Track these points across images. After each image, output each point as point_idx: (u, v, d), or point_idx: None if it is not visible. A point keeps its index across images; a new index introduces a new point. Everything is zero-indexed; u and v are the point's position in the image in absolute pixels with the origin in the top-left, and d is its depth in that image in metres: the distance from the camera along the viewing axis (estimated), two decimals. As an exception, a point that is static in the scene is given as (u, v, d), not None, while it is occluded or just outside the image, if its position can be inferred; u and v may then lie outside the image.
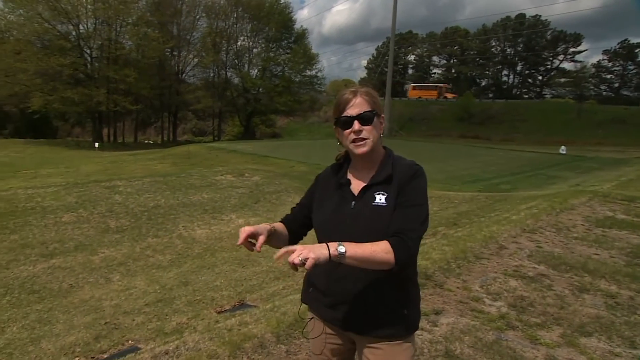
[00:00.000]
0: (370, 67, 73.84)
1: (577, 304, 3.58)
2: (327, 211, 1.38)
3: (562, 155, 26.32)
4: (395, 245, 1.19)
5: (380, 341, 1.34)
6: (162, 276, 5.85)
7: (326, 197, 1.42)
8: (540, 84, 64.82)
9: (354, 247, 1.15)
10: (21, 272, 5.69)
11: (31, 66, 31.98)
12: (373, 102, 1.31)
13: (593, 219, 6.69)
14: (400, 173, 1.31)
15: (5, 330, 4.23)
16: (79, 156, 25.00)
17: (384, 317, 1.32)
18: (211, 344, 2.82)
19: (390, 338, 1.33)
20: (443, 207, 9.64)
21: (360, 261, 1.16)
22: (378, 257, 1.17)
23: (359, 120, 1.29)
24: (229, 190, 10.91)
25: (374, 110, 1.30)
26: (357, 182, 1.37)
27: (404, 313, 1.34)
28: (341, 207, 1.35)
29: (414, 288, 1.41)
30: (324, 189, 1.45)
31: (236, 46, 48.80)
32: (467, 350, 2.82)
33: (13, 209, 7.91)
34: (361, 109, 1.29)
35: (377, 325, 1.33)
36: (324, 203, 1.42)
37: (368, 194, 1.32)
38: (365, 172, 1.37)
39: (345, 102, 1.31)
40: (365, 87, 1.34)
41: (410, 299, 1.37)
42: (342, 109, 1.31)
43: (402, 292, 1.35)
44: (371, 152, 1.32)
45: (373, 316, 1.32)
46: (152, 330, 4.07)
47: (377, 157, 1.37)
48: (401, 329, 1.34)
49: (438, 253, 4.66)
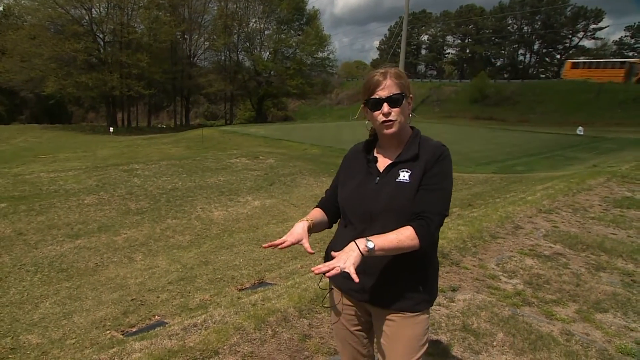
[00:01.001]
0: (382, 48, 72.73)
1: (593, 282, 3.62)
2: (352, 186, 1.44)
3: (580, 136, 25.83)
4: (419, 231, 1.25)
5: (394, 313, 1.39)
6: (182, 256, 6.04)
7: (353, 172, 1.47)
8: (558, 63, 63.05)
9: (381, 241, 1.23)
10: (49, 251, 5.94)
11: (46, 51, 32.38)
12: (402, 84, 1.34)
13: (611, 199, 6.63)
14: (426, 153, 1.34)
15: (39, 305, 4.46)
16: (94, 141, 25.45)
17: (400, 290, 1.37)
18: (237, 317, 2.94)
19: (405, 311, 1.37)
20: (457, 188, 9.63)
21: (388, 251, 1.24)
22: (404, 245, 1.25)
23: (388, 103, 1.32)
24: (244, 173, 11.05)
25: (402, 92, 1.33)
26: (383, 160, 1.42)
27: (420, 287, 1.38)
28: (366, 183, 1.40)
29: (432, 264, 1.45)
30: (352, 165, 1.50)
31: (248, 28, 48.48)
32: (483, 325, 2.89)
33: (38, 192, 8.18)
34: (390, 91, 1.32)
35: (392, 298, 1.37)
36: (350, 178, 1.47)
37: (393, 171, 1.36)
38: (392, 151, 1.41)
39: (375, 84, 1.33)
40: (394, 68, 1.37)
41: (427, 274, 1.41)
42: (372, 91, 1.34)
43: (419, 267, 1.38)
44: (399, 132, 1.36)
45: (389, 289, 1.37)
46: (177, 306, 4.24)
47: (405, 137, 1.41)
48: (416, 303, 1.38)
49: (454, 232, 4.71)
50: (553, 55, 64.52)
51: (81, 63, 35.15)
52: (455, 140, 21.96)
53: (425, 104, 50.88)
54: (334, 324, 1.61)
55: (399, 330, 1.39)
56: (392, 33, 65.98)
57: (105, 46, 38.70)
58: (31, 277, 5.19)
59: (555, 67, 63.24)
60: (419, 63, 75.10)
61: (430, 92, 52.77)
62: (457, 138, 23.50)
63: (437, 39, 71.39)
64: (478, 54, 65.46)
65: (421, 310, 1.40)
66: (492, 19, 62.66)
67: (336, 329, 1.61)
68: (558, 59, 63.32)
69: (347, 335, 1.57)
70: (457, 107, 47.35)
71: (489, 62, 67.46)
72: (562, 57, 62.64)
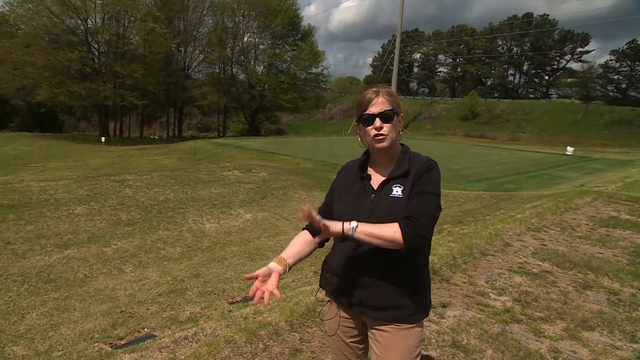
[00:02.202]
0: (375, 65, 73.81)
1: (580, 300, 3.68)
2: (348, 202, 1.49)
3: (568, 155, 26.33)
4: (403, 227, 1.29)
5: (389, 324, 1.43)
6: (173, 268, 6.00)
7: (348, 189, 1.53)
8: (546, 84, 64.61)
9: (364, 225, 1.31)
10: (37, 261, 5.85)
11: (39, 60, 32.32)
12: (393, 102, 1.42)
13: (597, 218, 6.77)
14: (416, 168, 1.42)
15: (25, 316, 4.39)
16: (86, 150, 25.26)
17: (394, 301, 1.41)
18: (228, 330, 2.94)
19: (399, 321, 1.42)
20: (448, 205, 9.73)
21: (369, 236, 1.30)
22: (386, 234, 1.29)
23: (380, 118, 1.39)
24: (237, 186, 11.05)
25: (394, 109, 1.41)
26: (376, 177, 1.48)
27: (414, 298, 1.42)
28: (361, 199, 1.46)
29: (425, 275, 1.49)
30: (346, 182, 1.56)
31: (242, 42, 49.02)
32: (473, 341, 2.93)
33: (27, 201, 8.09)
34: (382, 108, 1.40)
35: (386, 309, 1.41)
36: (345, 194, 1.52)
37: (387, 187, 1.42)
38: (384, 167, 1.48)
39: (368, 101, 1.42)
40: (386, 87, 1.46)
41: (420, 286, 1.45)
42: (365, 107, 1.42)
43: (413, 279, 1.42)
44: (390, 147, 1.43)
45: (383, 300, 1.41)
46: (167, 318, 4.21)
47: (395, 153, 1.47)
48: (409, 314, 1.42)
49: (444, 249, 4.77)
50: (541, 77, 66.10)
51: (75, 72, 35.14)
52: (446, 157, 22.23)
53: (417, 121, 51.57)
54: (330, 336, 1.64)
55: (393, 341, 1.43)
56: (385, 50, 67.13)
57: (99, 56, 38.76)
58: (18, 287, 5.10)
59: (544, 87, 64.70)
60: (411, 80, 76.29)
61: (422, 109, 53.56)
62: (448, 155, 23.80)
63: (429, 57, 72.78)
64: (469, 73, 66.78)
65: (415, 322, 1.44)
66: (483, 40, 64.18)
67: (332, 341, 1.64)
68: (546, 80, 64.85)
69: (343, 347, 1.60)
70: (448, 125, 48.09)
71: (480, 81, 68.83)
72: (550, 78, 64.18)
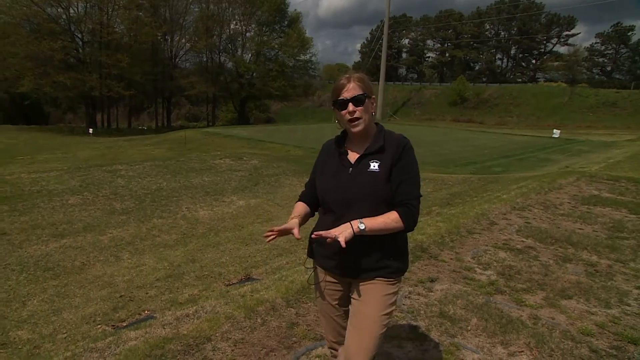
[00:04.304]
0: (364, 51, 73.37)
1: (560, 272, 3.90)
2: (329, 177, 1.64)
3: (554, 138, 26.76)
4: (402, 215, 1.49)
5: (368, 282, 1.60)
6: (169, 254, 6.12)
7: (328, 164, 1.68)
8: (533, 68, 65.02)
9: (370, 222, 1.46)
10: (34, 251, 5.93)
11: (21, 50, 31.57)
12: (364, 86, 1.55)
13: (579, 197, 7.02)
14: (391, 145, 1.56)
15: (27, 303, 4.49)
16: (74, 142, 24.97)
17: (374, 264, 1.57)
18: (227, 307, 3.09)
19: (377, 280, 1.59)
20: (437, 188, 9.95)
21: (376, 231, 1.47)
22: (390, 226, 1.49)
23: (352, 102, 1.52)
24: (229, 174, 11.13)
25: (365, 93, 1.54)
26: (353, 153, 1.63)
27: (390, 260, 1.59)
28: (340, 173, 1.61)
29: (400, 238, 1.66)
30: (327, 159, 1.72)
31: (229, 30, 48.32)
32: (459, 311, 3.12)
33: (20, 193, 8.09)
34: (354, 93, 1.52)
35: (367, 270, 1.58)
36: (325, 170, 1.68)
37: (363, 162, 1.57)
38: (361, 144, 1.62)
39: (341, 87, 1.55)
40: (357, 73, 1.60)
41: (396, 249, 1.61)
42: (339, 93, 1.55)
43: (389, 243, 1.58)
44: (365, 129, 1.58)
45: (362, 263, 1.57)
46: (166, 301, 4.35)
47: (370, 132, 1.62)
48: (389, 272, 1.59)
49: (433, 229, 4.96)
50: (529, 60, 66.45)
51: (58, 62, 34.38)
52: (435, 142, 22.47)
53: (406, 107, 51.70)
54: (317, 298, 1.82)
55: (371, 292, 1.61)
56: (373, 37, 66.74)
57: (84, 46, 37.97)
58: (17, 276, 5.18)
59: (532, 71, 65.15)
60: (400, 66, 76.14)
61: (411, 95, 53.65)
62: (436, 140, 24.04)
63: (417, 42, 72.56)
64: (457, 58, 66.87)
65: (393, 278, 1.62)
66: (471, 24, 64.14)
67: (320, 304, 1.82)
68: (533, 64, 65.25)
69: (329, 309, 1.78)
70: (437, 110, 48.30)
71: (468, 66, 68.98)
72: (536, 61, 64.59)
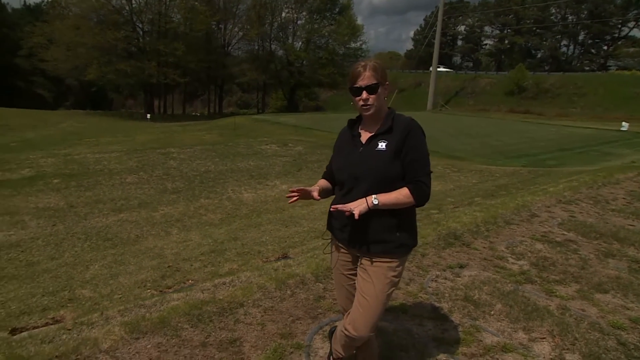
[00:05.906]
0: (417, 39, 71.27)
1: (599, 266, 3.76)
2: (342, 156, 1.81)
3: (622, 132, 24.76)
4: (413, 191, 1.61)
5: (374, 256, 1.72)
6: (214, 232, 6.52)
7: (342, 145, 1.84)
8: (604, 55, 59.84)
9: (384, 198, 1.59)
10: (97, 222, 6.57)
11: (89, 40, 34.03)
12: (378, 75, 1.65)
13: (637, 193, 6.58)
14: (399, 127, 1.67)
15: (89, 267, 5.04)
16: (133, 127, 26.68)
17: (379, 237, 1.69)
18: (260, 279, 3.33)
19: (382, 255, 1.70)
20: (482, 179, 9.69)
21: (390, 206, 1.61)
22: (401, 201, 1.61)
23: (366, 90, 1.64)
24: (274, 159, 11.49)
25: (378, 82, 1.64)
26: (365, 134, 1.76)
27: (396, 235, 1.70)
28: (352, 153, 1.75)
29: (409, 217, 1.76)
30: (342, 140, 1.87)
31: (280, 18, 48.84)
32: (484, 297, 3.14)
33: (85, 171, 8.92)
34: (368, 82, 1.63)
35: (372, 243, 1.70)
36: (340, 150, 1.84)
37: (373, 142, 1.69)
38: (372, 126, 1.75)
39: (357, 75, 1.65)
40: (373, 61, 1.69)
41: (403, 225, 1.71)
42: (355, 80, 1.66)
43: (396, 219, 1.69)
44: (376, 113, 1.69)
45: (370, 236, 1.70)
46: (208, 273, 4.69)
47: (382, 115, 1.74)
48: (394, 246, 1.70)
49: (469, 217, 4.91)
50: (600, 47, 61.22)
51: (121, 51, 36.72)
52: (487, 134, 21.60)
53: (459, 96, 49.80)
54: (332, 267, 2.00)
55: (376, 268, 1.74)
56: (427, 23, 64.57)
57: (143, 35, 40.19)
58: (82, 243, 5.80)
59: (602, 58, 60.07)
60: (454, 54, 73.27)
61: (465, 84, 51.54)
62: (488, 131, 23.08)
63: (474, 29, 69.29)
64: (517, 45, 63.12)
65: (398, 256, 1.73)
66: (534, 9, 60.10)
67: (334, 273, 2.00)
68: (604, 50, 60.09)
69: (342, 278, 1.94)
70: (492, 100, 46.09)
71: (529, 53, 64.91)
72: (609, 48, 59.42)
